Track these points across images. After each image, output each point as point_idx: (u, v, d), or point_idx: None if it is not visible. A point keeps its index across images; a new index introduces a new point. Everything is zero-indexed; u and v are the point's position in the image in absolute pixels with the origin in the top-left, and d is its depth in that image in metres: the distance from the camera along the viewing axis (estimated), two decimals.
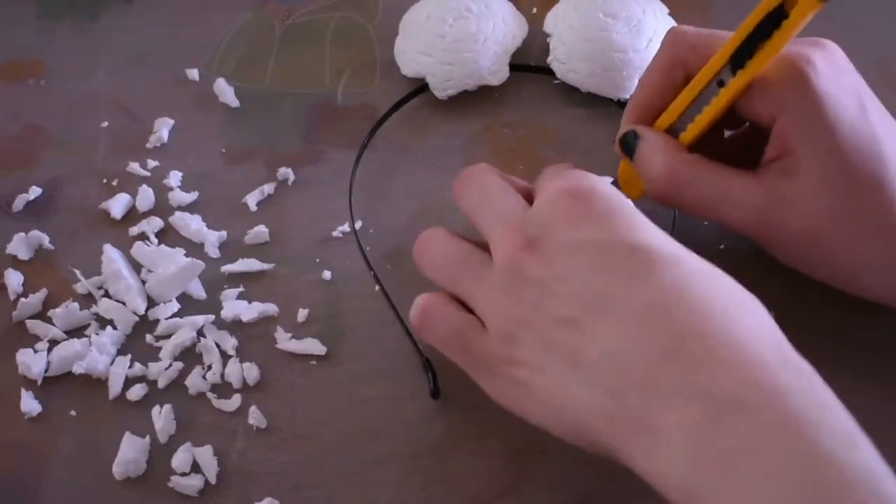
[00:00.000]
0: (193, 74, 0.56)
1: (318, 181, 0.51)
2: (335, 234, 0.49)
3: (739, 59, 0.40)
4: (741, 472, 0.31)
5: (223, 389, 0.44)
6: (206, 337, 0.45)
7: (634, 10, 0.53)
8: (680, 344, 0.33)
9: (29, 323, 0.46)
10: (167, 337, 0.45)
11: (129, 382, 0.44)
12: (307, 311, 0.46)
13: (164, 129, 0.53)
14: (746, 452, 0.31)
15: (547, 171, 0.41)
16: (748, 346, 0.33)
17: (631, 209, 0.38)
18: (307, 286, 0.47)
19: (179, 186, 0.51)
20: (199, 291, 0.47)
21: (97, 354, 0.44)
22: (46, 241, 0.49)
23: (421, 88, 0.54)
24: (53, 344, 0.45)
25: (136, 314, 0.46)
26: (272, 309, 0.46)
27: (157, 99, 0.55)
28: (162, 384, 0.44)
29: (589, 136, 0.53)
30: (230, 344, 0.45)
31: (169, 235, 0.49)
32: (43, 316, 0.46)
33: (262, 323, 0.46)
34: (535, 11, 0.58)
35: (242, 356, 0.45)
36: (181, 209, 0.50)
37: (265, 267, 0.48)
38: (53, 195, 0.51)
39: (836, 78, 0.40)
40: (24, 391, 0.44)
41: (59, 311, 0.46)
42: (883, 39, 0.56)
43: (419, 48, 0.54)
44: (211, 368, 0.45)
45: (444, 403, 0.43)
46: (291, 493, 0.41)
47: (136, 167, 0.51)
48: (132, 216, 0.50)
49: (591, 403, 0.35)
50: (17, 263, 0.48)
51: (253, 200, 0.50)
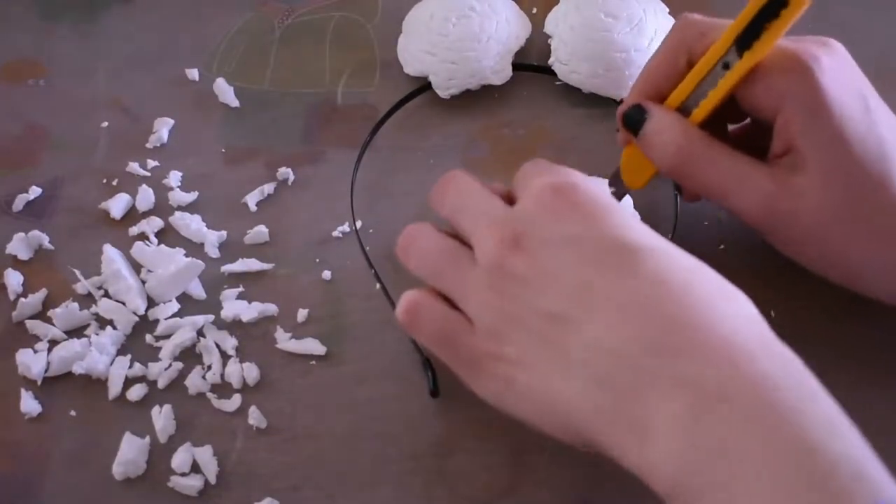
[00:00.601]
0: (193, 74, 0.56)
1: (318, 181, 0.51)
2: (335, 234, 0.49)
3: (745, 40, 0.40)
4: (729, 461, 0.31)
5: (223, 389, 0.44)
6: (205, 337, 0.45)
7: (635, 9, 0.53)
8: (666, 336, 0.33)
9: (29, 323, 0.46)
10: (167, 337, 0.45)
11: (128, 382, 0.44)
12: (307, 311, 0.46)
13: (163, 129, 0.53)
14: (734, 442, 0.31)
15: (525, 168, 0.40)
16: (733, 336, 0.33)
17: (614, 205, 0.38)
18: (307, 286, 0.47)
19: (179, 186, 0.51)
20: (198, 291, 0.47)
21: (97, 354, 0.44)
22: (46, 241, 0.49)
23: (423, 88, 0.54)
24: (53, 344, 0.45)
25: (135, 314, 0.46)
26: (272, 309, 0.46)
27: (156, 99, 0.55)
28: (162, 384, 0.44)
29: (589, 136, 0.53)
30: (230, 344, 0.45)
31: (169, 235, 0.49)
32: (43, 316, 0.46)
33: (261, 323, 0.46)
34: (535, 12, 0.57)
35: (242, 356, 0.45)
36: (181, 209, 0.50)
37: (265, 267, 0.48)
38: (53, 195, 0.51)
39: (840, 76, 0.40)
40: (24, 391, 0.44)
41: (58, 311, 0.46)
42: (883, 39, 0.56)
43: (422, 47, 0.54)
44: (211, 368, 0.45)
45: (444, 403, 0.43)
46: (291, 493, 0.41)
47: (135, 167, 0.51)
48: (132, 216, 0.50)
49: (578, 397, 0.35)
50: (16, 263, 0.48)
51: (253, 200, 0.50)
